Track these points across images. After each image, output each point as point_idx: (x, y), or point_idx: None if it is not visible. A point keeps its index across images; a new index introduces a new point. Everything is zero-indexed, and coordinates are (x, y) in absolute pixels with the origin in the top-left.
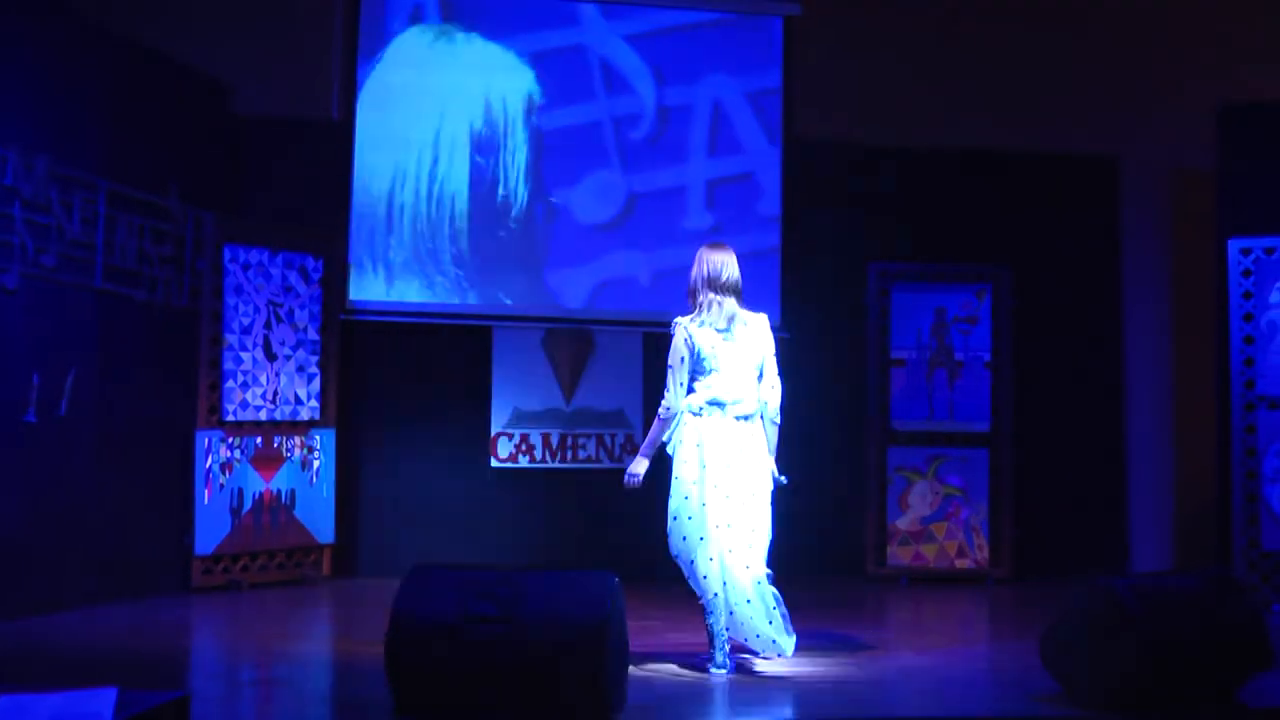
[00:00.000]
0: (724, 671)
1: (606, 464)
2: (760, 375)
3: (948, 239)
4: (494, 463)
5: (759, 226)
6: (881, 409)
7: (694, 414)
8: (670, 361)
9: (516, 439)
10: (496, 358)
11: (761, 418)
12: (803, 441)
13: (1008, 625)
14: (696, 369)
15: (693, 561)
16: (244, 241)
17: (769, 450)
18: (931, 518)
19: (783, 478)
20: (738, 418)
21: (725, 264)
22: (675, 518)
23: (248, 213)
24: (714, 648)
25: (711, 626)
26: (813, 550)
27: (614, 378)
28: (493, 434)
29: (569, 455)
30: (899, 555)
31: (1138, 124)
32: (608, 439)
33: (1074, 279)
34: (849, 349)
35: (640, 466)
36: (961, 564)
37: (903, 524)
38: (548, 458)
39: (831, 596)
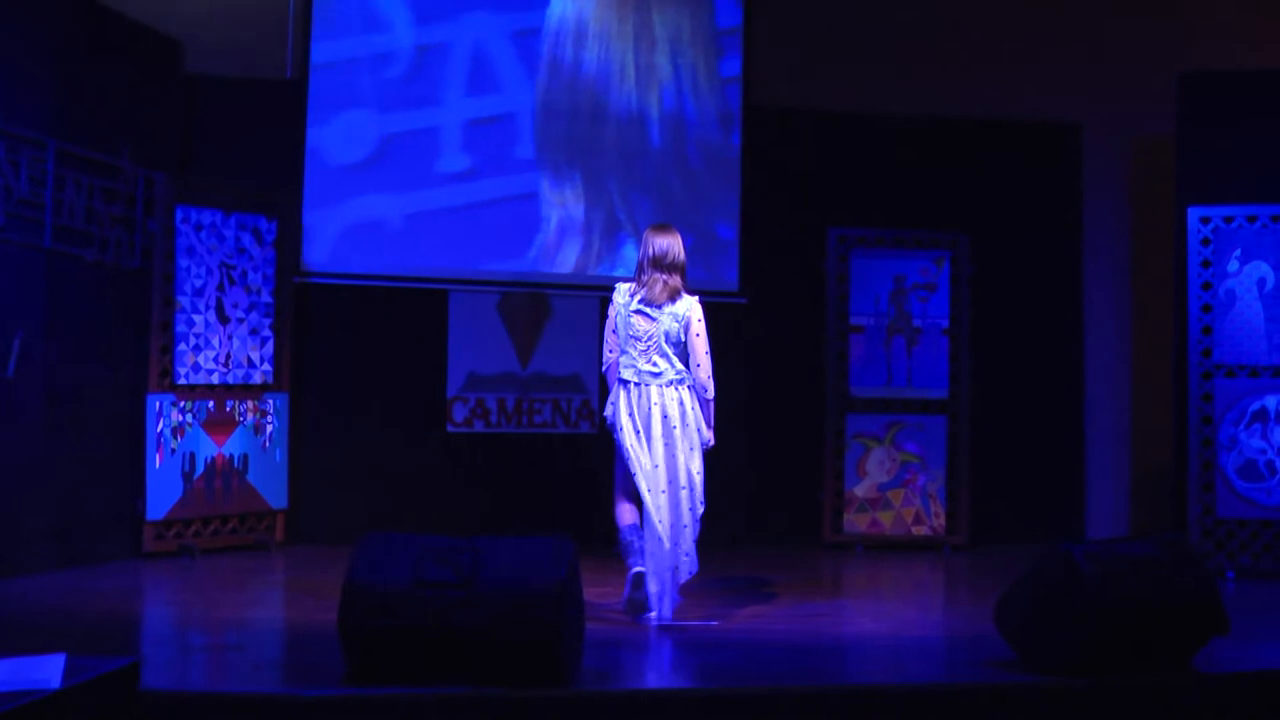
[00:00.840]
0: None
1: (562, 429)
2: (687, 353)
3: (907, 206)
4: (449, 427)
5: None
6: (839, 375)
7: (622, 381)
8: (606, 330)
9: (472, 403)
10: (453, 322)
11: (692, 388)
12: (760, 407)
13: (964, 592)
14: (622, 339)
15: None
16: (196, 202)
17: (706, 421)
18: (889, 484)
19: (711, 441)
20: (666, 384)
21: (671, 244)
22: (620, 476)
23: (200, 173)
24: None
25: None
26: (769, 517)
27: (570, 342)
28: (448, 398)
29: (525, 420)
30: (855, 522)
31: (1100, 90)
32: (564, 404)
33: (1034, 247)
34: (807, 314)
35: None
36: (918, 531)
37: (860, 491)
38: (503, 423)
39: (787, 562)
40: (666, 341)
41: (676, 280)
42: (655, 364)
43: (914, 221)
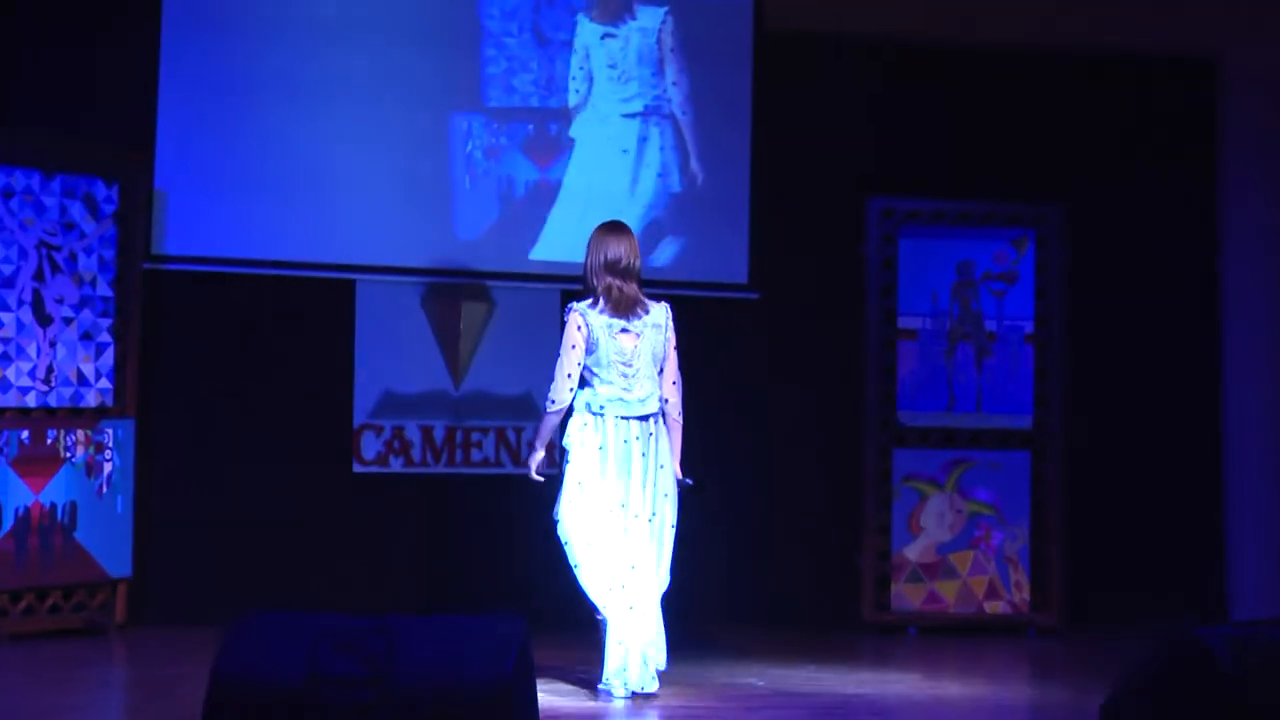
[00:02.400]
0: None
1: (510, 468)
2: (661, 370)
3: (977, 167)
4: (356, 467)
5: None
6: (884, 397)
7: (593, 413)
8: (561, 349)
9: (387, 433)
10: (361, 323)
11: (664, 417)
12: (776, 441)
13: (1056, 691)
14: (592, 363)
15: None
16: (4, 160)
17: (673, 451)
18: (952, 545)
19: (687, 479)
20: (640, 417)
21: (624, 247)
22: (573, 526)
23: (11, 121)
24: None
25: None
26: (790, 590)
27: (521, 350)
28: (355, 426)
29: (460, 456)
30: (907, 596)
31: (1244, 15)
32: (511, 434)
33: (1152, 221)
34: (841, 316)
35: (536, 459)
36: (993, 608)
37: (913, 553)
38: (430, 459)
39: (814, 651)
40: (652, 359)
41: (635, 287)
42: (643, 389)
43: (986, 189)
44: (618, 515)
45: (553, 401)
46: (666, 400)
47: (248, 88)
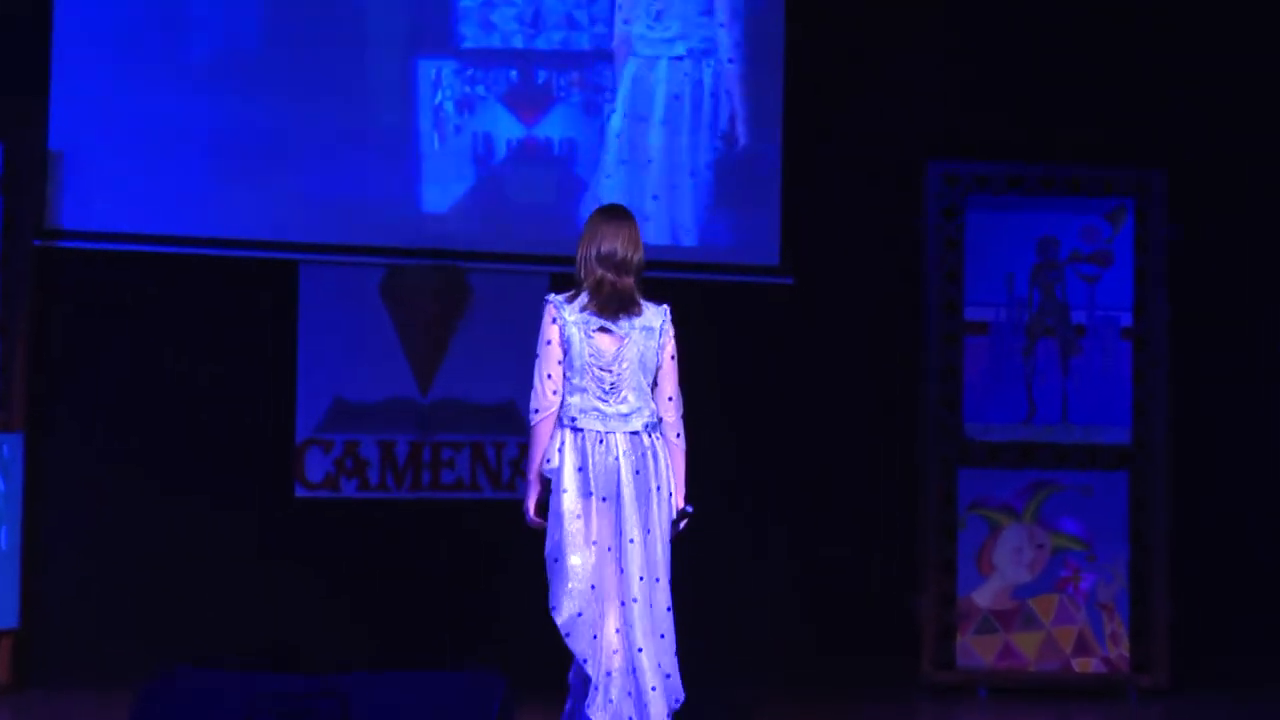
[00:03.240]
0: None
1: (488, 493)
2: (654, 384)
3: (1063, 122)
4: (299, 491)
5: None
6: (947, 406)
7: (567, 427)
8: (537, 348)
9: (338, 450)
10: (305, 315)
11: (661, 433)
12: (814, 460)
13: None
14: (571, 366)
15: (578, 616)
16: None
17: (675, 479)
18: (1032, 588)
19: (687, 506)
20: (639, 430)
21: (626, 238)
22: (556, 559)
23: None
24: None
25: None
26: (832, 641)
27: (503, 348)
28: (298, 442)
29: (426, 478)
30: (977, 650)
31: None
32: (490, 451)
33: (1276, 190)
34: (894, 307)
35: (533, 497)
36: (1083, 665)
37: (984, 598)
38: (390, 482)
39: (865, 717)
40: (641, 367)
41: (630, 283)
42: (627, 402)
43: (1074, 150)
44: (611, 566)
45: (535, 410)
46: (662, 420)
47: (165, 26)
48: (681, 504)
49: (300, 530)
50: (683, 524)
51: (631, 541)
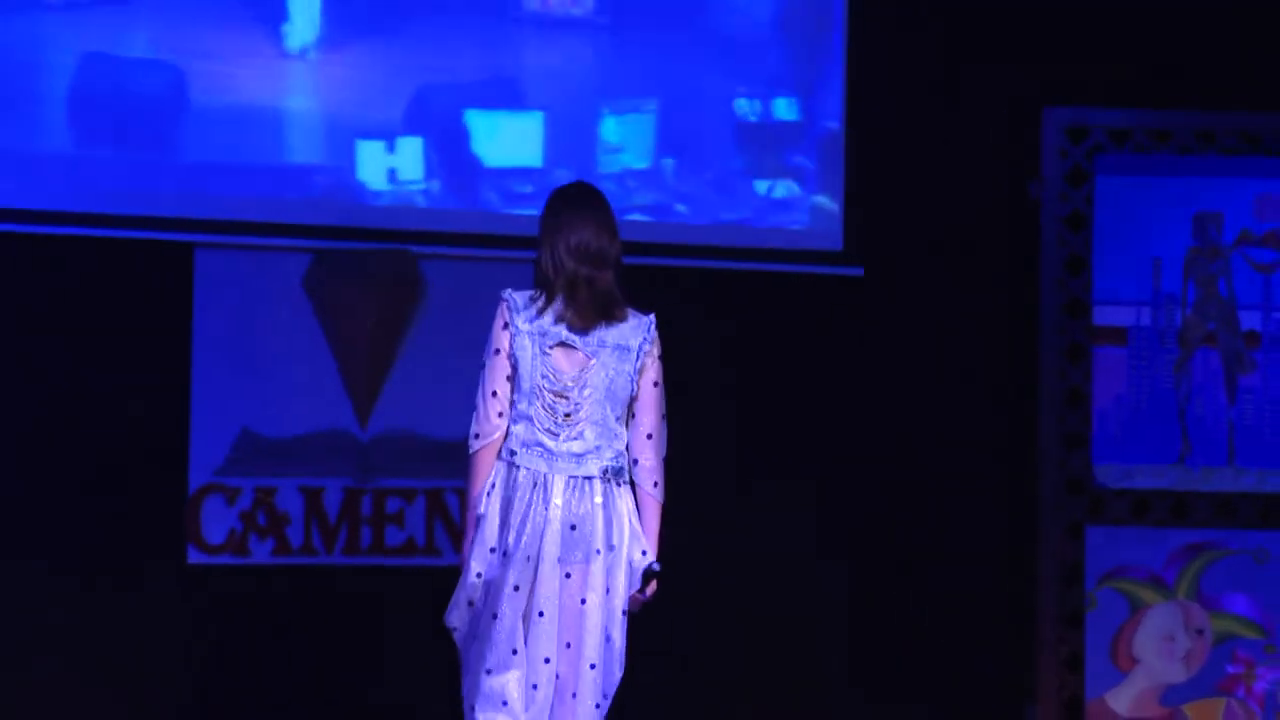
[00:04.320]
0: None
1: (450, 559)
2: (630, 415)
3: (1229, 56)
4: (193, 555)
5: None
6: (1070, 441)
7: (509, 460)
8: (484, 356)
9: (246, 500)
10: (203, 317)
11: (629, 480)
12: (887, 512)
13: None
14: (519, 387)
15: (477, 682)
16: None
17: (647, 538)
18: (1190, 689)
19: (654, 564)
20: (595, 477)
21: (600, 224)
22: (469, 602)
23: None
24: None
25: None
26: None
27: (467, 361)
28: (192, 489)
29: (367, 537)
30: None
31: None
32: (452, 501)
33: None
34: (997, 306)
35: (468, 544)
36: None
37: (1122, 702)
38: (318, 543)
39: None
40: (609, 396)
41: (609, 279)
42: (583, 438)
43: (1245, 93)
44: (519, 632)
45: (475, 436)
46: (636, 462)
47: None
48: (651, 556)
49: (194, 611)
50: (649, 590)
51: (541, 615)
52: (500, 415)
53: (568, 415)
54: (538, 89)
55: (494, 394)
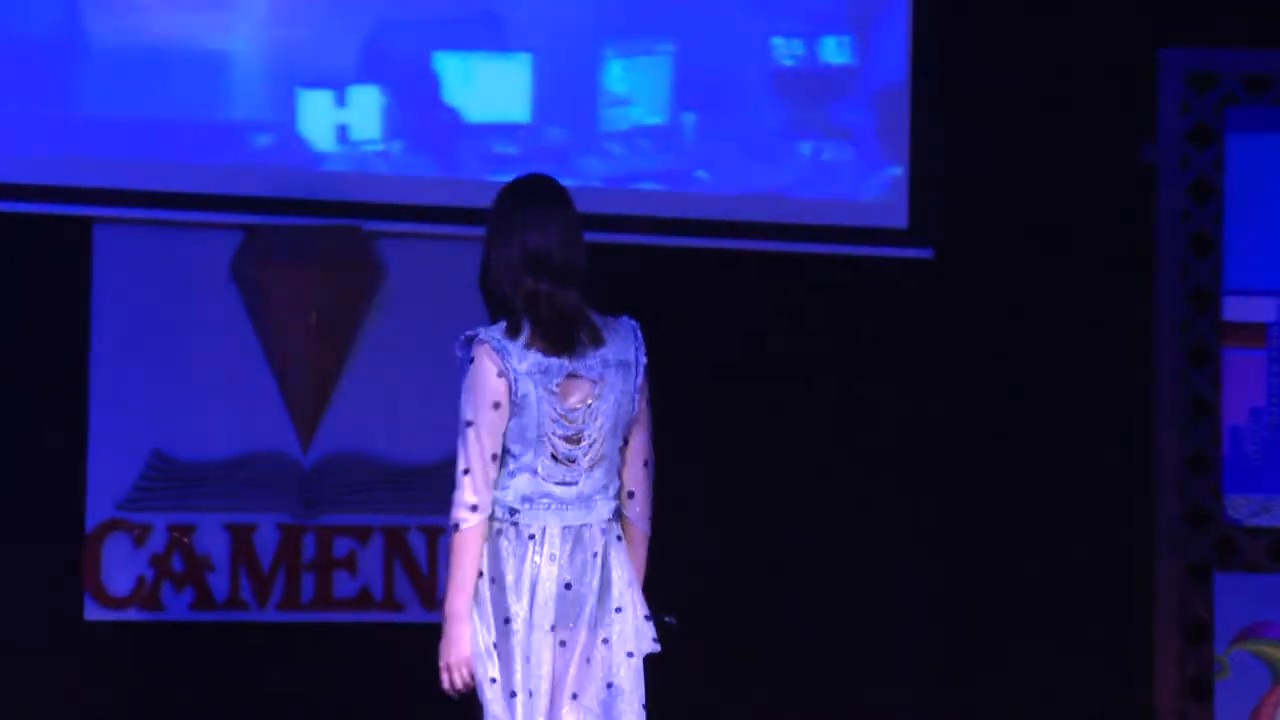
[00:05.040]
0: None
1: (415, 614)
2: (624, 444)
3: None
4: (91, 610)
5: None
6: (1195, 466)
7: (509, 520)
8: (466, 413)
9: (159, 539)
10: (103, 311)
11: (617, 520)
12: (967, 550)
13: None
14: (521, 438)
15: None
16: None
17: (636, 581)
18: None
19: (669, 618)
20: (579, 526)
21: (562, 227)
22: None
23: None
24: None
25: None
26: None
27: (434, 368)
28: (90, 526)
29: (309, 589)
30: None
31: None
32: (416, 541)
33: None
34: (1102, 294)
35: (461, 631)
36: None
37: None
38: (249, 596)
39: None
40: (616, 424)
41: (575, 298)
42: (593, 478)
43: None
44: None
45: (467, 510)
46: (632, 495)
47: None
48: (651, 612)
49: (91, 681)
50: (656, 645)
51: (531, 695)
52: (488, 489)
53: (580, 458)
54: (525, 26)
55: (492, 458)
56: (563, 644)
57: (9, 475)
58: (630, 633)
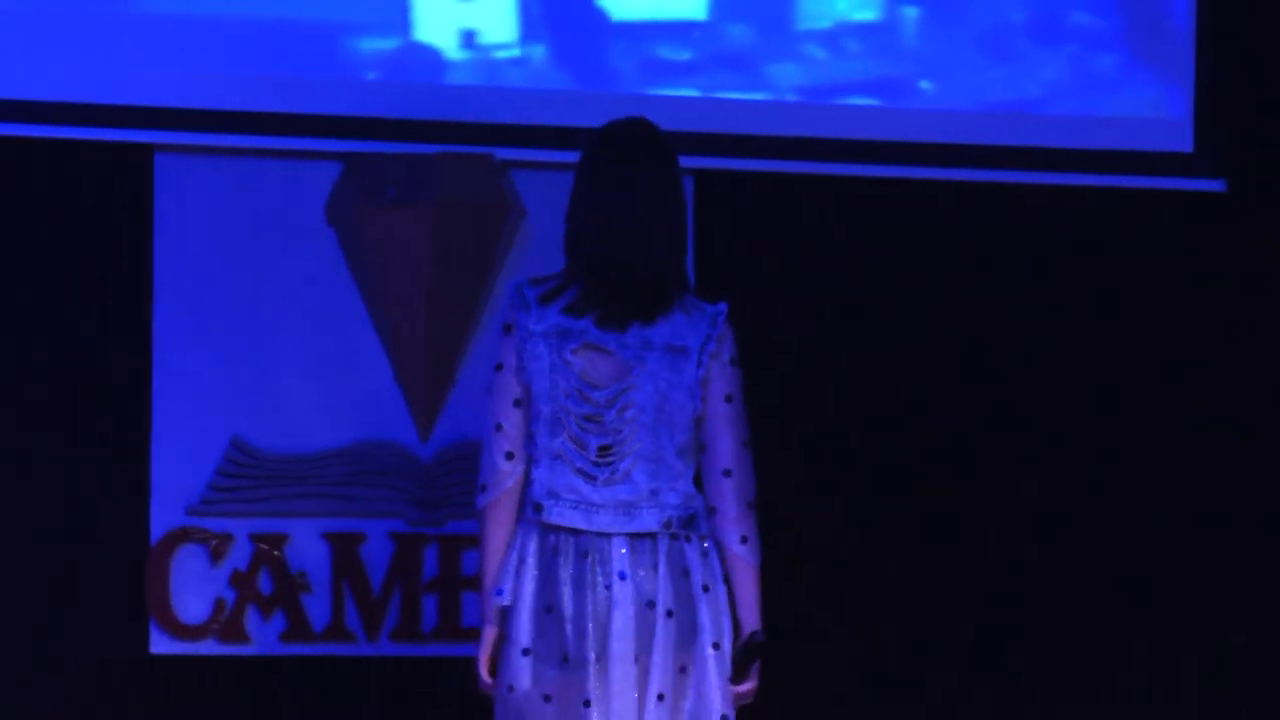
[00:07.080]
0: None
1: None
2: (702, 447)
3: None
4: (157, 642)
5: None
6: None
7: (538, 528)
8: (491, 379)
9: (242, 552)
10: (165, 265)
11: (704, 536)
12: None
13: None
14: (539, 411)
15: None
16: None
17: (746, 608)
18: None
19: (758, 634)
20: (654, 535)
21: (647, 183)
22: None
23: None
24: None
25: None
26: None
27: None
28: (155, 536)
29: (430, 615)
30: None
31: None
32: None
33: None
34: None
35: (489, 641)
36: None
37: None
38: (354, 624)
39: None
40: (661, 419)
41: (650, 271)
42: (631, 480)
43: None
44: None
45: (482, 488)
46: (716, 510)
47: None
48: (760, 629)
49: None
50: (753, 667)
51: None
52: (511, 456)
53: (605, 449)
54: None
55: (498, 427)
56: (641, 674)
57: (54, 471)
58: (719, 671)
